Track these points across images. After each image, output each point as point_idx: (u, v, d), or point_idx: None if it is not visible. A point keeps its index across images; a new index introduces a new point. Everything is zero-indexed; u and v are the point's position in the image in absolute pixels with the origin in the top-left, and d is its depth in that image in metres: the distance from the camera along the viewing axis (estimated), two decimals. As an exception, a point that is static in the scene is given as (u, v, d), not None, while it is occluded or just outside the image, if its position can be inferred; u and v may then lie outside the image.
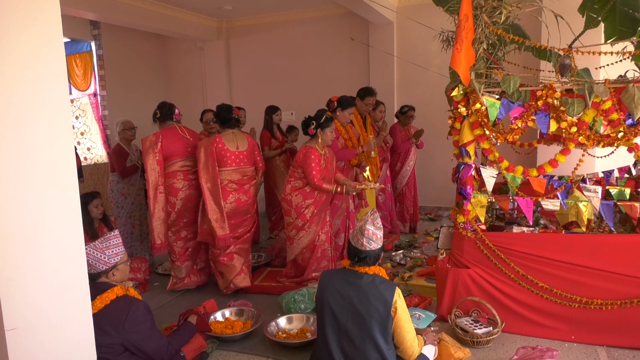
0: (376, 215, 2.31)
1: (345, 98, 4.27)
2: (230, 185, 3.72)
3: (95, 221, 3.64)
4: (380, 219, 2.33)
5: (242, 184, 3.79)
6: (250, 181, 3.86)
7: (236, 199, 3.74)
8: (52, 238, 1.65)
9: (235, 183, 3.74)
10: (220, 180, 3.66)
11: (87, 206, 3.57)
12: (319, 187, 3.67)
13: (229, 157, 3.71)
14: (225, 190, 3.69)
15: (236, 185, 3.75)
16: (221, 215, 3.65)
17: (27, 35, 1.54)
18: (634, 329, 2.75)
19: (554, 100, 2.70)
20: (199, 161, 3.66)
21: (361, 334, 2.15)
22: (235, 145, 3.76)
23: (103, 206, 3.72)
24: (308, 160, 3.64)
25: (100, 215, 3.67)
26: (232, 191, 3.73)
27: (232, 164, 3.72)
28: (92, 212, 3.60)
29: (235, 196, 3.73)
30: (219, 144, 3.68)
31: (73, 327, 1.75)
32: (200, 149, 3.69)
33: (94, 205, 3.61)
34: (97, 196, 3.69)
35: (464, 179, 2.99)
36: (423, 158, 6.26)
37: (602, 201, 2.80)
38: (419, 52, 6.11)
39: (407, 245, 4.90)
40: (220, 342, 2.98)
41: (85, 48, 7.05)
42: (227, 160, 3.70)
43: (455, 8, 2.89)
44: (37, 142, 1.59)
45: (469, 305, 3.04)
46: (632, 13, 3.08)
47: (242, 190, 3.78)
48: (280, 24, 7.28)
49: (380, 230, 2.28)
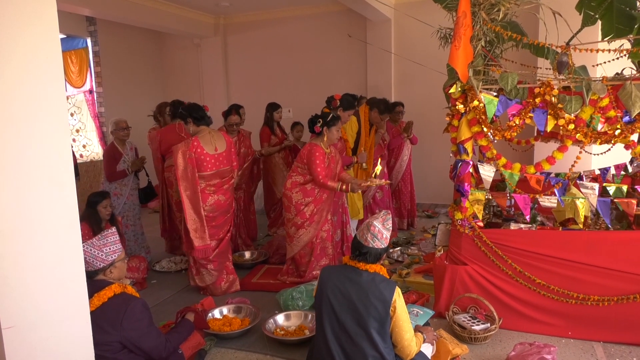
0: (388, 216, 2.27)
1: (348, 99, 4.27)
2: (209, 188, 3.59)
3: (103, 221, 3.64)
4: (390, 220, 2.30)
5: (221, 186, 3.66)
6: (229, 181, 3.75)
7: (215, 200, 3.61)
8: (49, 236, 1.64)
9: (214, 186, 3.62)
10: (199, 186, 3.49)
11: (96, 206, 3.58)
12: (324, 184, 3.65)
13: (209, 162, 3.53)
14: (204, 193, 3.54)
15: (214, 188, 3.62)
16: (201, 224, 3.49)
17: (23, 32, 1.53)
18: (630, 324, 2.77)
19: (552, 98, 2.71)
20: (177, 167, 3.43)
21: (359, 331, 2.15)
22: (214, 147, 3.58)
23: (112, 207, 3.71)
24: (312, 158, 3.64)
25: (108, 216, 3.67)
26: (210, 194, 3.59)
27: (212, 168, 3.56)
28: (101, 213, 3.61)
29: (214, 198, 3.60)
30: (198, 149, 3.47)
31: (71, 325, 1.75)
32: (177, 154, 3.43)
33: (102, 205, 3.61)
34: (107, 197, 3.68)
35: (462, 176, 3.00)
36: (420, 155, 6.27)
37: (599, 198, 2.81)
38: (417, 49, 6.10)
39: (404, 242, 4.91)
40: (218, 339, 2.98)
41: (81, 44, 7.01)
42: (207, 165, 3.52)
43: (454, 5, 2.89)
44: (34, 140, 1.58)
45: (467, 301, 3.05)
46: (629, 11, 3.08)
47: (221, 192, 3.65)
48: (277, 21, 7.26)
49: (388, 231, 2.24)
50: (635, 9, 3.11)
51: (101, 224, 3.60)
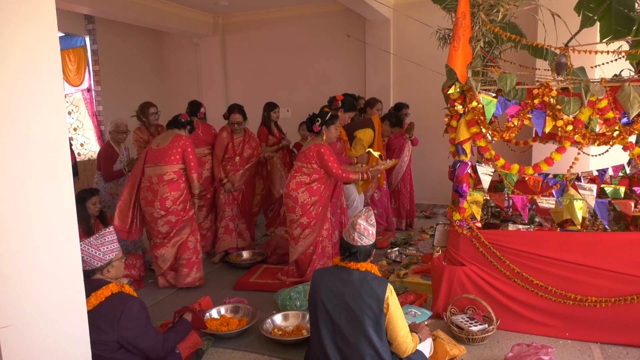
0: (370, 212, 2.29)
1: (350, 101, 4.28)
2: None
3: (91, 218, 3.63)
4: (375, 216, 2.32)
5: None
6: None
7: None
8: (46, 234, 1.63)
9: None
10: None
11: (85, 202, 3.56)
12: (345, 178, 3.70)
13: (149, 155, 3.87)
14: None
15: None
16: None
17: (22, 29, 1.52)
18: (627, 326, 2.77)
19: (550, 99, 2.71)
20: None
21: (355, 331, 2.15)
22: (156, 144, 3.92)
23: (101, 204, 3.72)
24: (325, 157, 3.64)
25: (96, 213, 3.67)
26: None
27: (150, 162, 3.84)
28: (90, 209, 3.60)
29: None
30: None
31: (68, 324, 1.74)
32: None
33: (91, 202, 3.61)
34: (95, 193, 3.68)
35: (460, 177, 3.00)
36: (419, 155, 6.27)
37: (596, 199, 2.82)
38: (416, 49, 6.11)
39: (402, 242, 4.91)
40: (216, 339, 2.98)
41: (79, 43, 6.98)
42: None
43: (453, 5, 2.89)
44: (32, 138, 1.57)
45: (465, 302, 3.06)
46: (627, 12, 3.09)
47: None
48: (276, 20, 7.25)
49: (372, 227, 2.25)
50: (634, 10, 3.12)
51: (90, 220, 3.60)
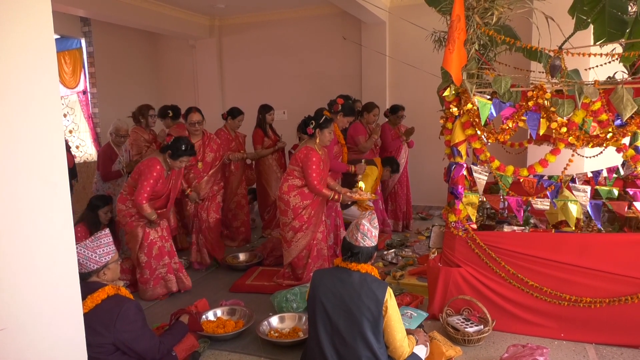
0: (374, 215, 2.32)
1: (350, 106, 4.27)
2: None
3: (101, 225, 3.64)
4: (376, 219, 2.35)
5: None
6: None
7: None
8: (42, 236, 1.63)
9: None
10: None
11: (97, 210, 3.61)
12: (318, 191, 3.64)
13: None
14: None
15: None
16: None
17: (18, 31, 1.52)
18: (622, 326, 2.79)
19: (545, 101, 2.73)
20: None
21: (352, 332, 2.15)
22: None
23: (112, 212, 3.72)
24: (309, 163, 3.59)
25: (106, 221, 3.69)
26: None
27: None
28: (100, 217, 3.63)
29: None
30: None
31: (64, 326, 1.73)
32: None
33: (103, 211, 3.64)
34: (109, 202, 3.69)
35: (456, 179, 3.01)
36: (414, 157, 6.28)
37: (591, 200, 2.84)
38: (411, 52, 6.13)
39: (398, 244, 4.92)
40: (212, 341, 2.97)
41: (75, 45, 6.96)
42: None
43: (448, 9, 2.91)
44: (28, 140, 1.57)
45: (460, 303, 3.07)
46: (620, 15, 3.12)
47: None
48: (272, 23, 7.26)
49: (375, 229, 2.29)
50: (627, 13, 3.15)
51: (99, 227, 3.60)
